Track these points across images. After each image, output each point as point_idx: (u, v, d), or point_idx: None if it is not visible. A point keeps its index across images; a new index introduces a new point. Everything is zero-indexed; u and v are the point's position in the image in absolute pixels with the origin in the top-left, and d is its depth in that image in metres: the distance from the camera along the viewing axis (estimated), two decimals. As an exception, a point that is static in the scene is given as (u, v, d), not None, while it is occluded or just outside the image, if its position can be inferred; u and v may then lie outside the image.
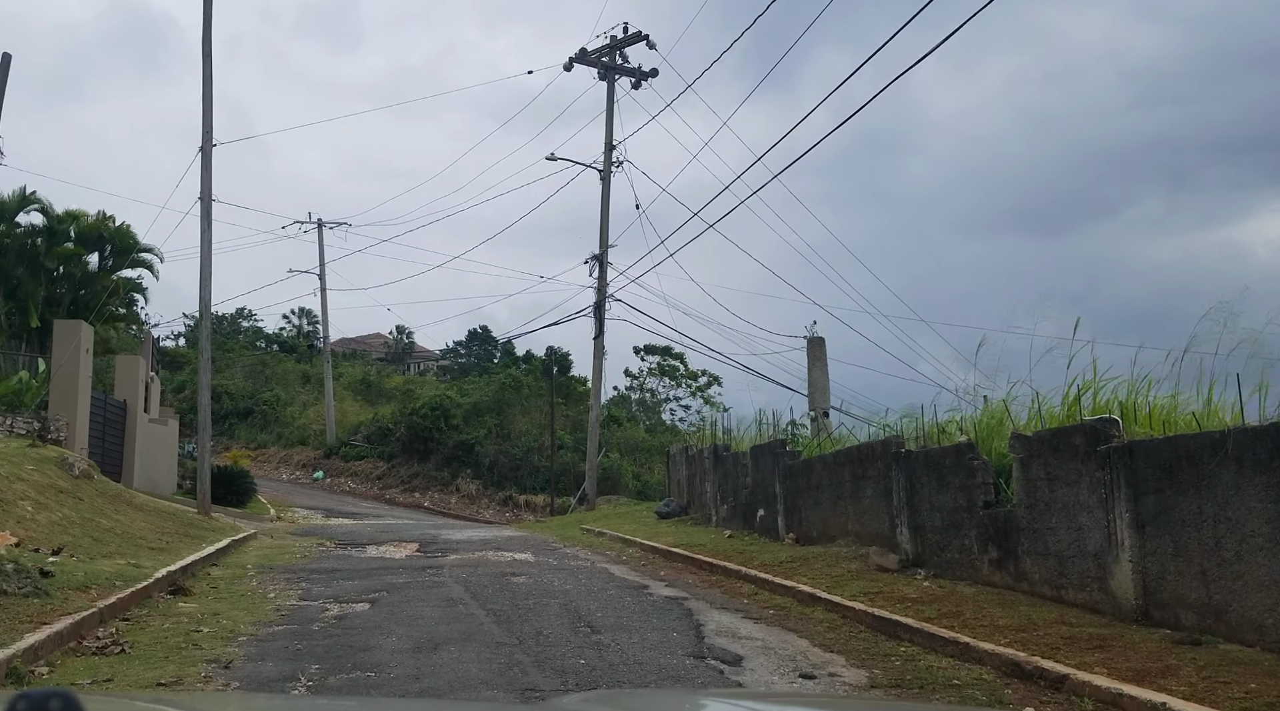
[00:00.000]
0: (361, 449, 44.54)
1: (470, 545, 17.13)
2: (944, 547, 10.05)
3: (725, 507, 16.98)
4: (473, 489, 40.24)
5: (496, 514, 38.91)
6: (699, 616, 9.02)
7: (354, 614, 9.08)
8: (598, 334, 25.89)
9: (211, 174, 18.16)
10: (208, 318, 18.03)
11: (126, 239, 26.65)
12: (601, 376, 25.95)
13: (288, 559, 14.47)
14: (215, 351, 64.88)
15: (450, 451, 41.20)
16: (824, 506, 12.97)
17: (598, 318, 25.87)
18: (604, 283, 26.02)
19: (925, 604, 8.43)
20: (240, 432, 49.64)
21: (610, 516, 21.91)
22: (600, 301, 25.91)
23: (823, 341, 20.15)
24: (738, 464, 16.52)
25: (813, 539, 13.16)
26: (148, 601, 9.52)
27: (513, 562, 13.93)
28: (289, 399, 51.64)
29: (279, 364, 59.14)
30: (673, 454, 23.68)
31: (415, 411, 42.27)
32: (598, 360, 25.95)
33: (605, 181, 26.25)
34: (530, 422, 43.20)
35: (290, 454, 47.07)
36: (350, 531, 21.21)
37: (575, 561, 14.15)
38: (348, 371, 58.90)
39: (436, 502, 39.69)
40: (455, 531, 21.25)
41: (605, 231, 26.20)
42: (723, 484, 17.18)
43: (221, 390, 51.50)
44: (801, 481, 13.67)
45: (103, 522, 13.63)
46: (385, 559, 14.71)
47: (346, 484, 42.91)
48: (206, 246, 17.98)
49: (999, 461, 9.67)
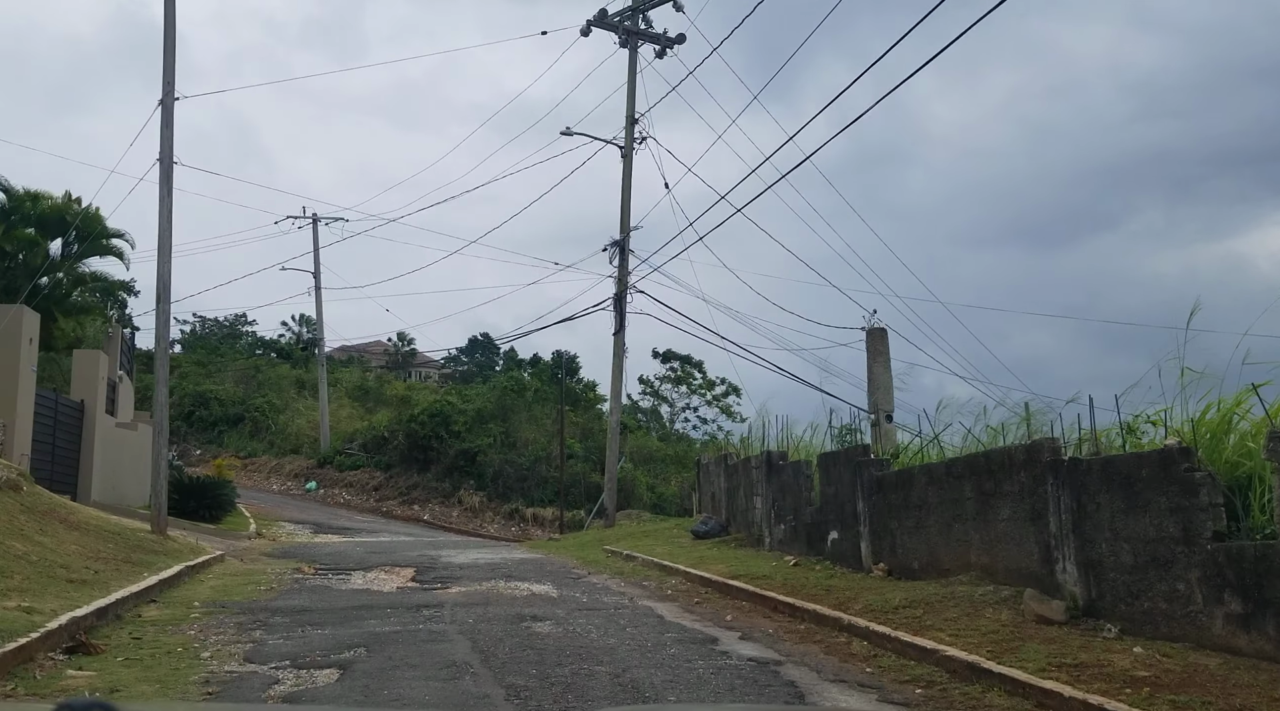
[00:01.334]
0: (357, 458, 41.69)
1: (476, 572, 14.31)
2: (1138, 593, 7.22)
3: (782, 528, 14.14)
4: (476, 501, 37.39)
5: (502, 528, 36.06)
6: (814, 697, 6.20)
7: (312, 692, 6.25)
8: (618, 328, 23.09)
9: (173, 132, 15.41)
10: (167, 298, 15.25)
11: (95, 224, 23.87)
12: (623, 376, 23.15)
13: (250, 592, 11.65)
14: (207, 356, 62.48)
15: (451, 461, 38.37)
16: (930, 530, 10.13)
17: (618, 311, 23.08)
18: (625, 272, 23.23)
19: (1168, 690, 5.58)
20: (230, 440, 46.76)
21: (635, 535, 19.07)
22: (621, 292, 23.12)
23: (884, 333, 17.37)
24: (799, 476, 13.68)
25: (913, 571, 10.32)
26: (23, 668, 6.71)
27: (530, 598, 11.11)
28: (282, 405, 48.79)
29: (273, 369, 56.34)
30: (705, 464, 20.85)
31: (414, 418, 39.46)
32: (618, 359, 23.15)
33: (627, 158, 23.49)
34: (537, 430, 40.40)
35: (282, 463, 44.20)
36: (337, 552, 18.39)
37: (609, 596, 11.32)
38: (345, 377, 56.15)
39: (437, 516, 36.85)
40: (458, 552, 18.43)
41: (626, 215, 23.43)
42: (779, 499, 14.34)
43: (211, 396, 48.78)
44: (895, 498, 10.83)
45: (16, 546, 10.80)
46: (372, 592, 11.87)
47: (341, 495, 40.05)
48: (166, 214, 15.21)
49: (1229, 474, 6.86)
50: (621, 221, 23.42)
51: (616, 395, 23.49)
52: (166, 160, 15.35)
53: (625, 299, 23.12)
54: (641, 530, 19.94)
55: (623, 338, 23.16)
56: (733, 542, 15.97)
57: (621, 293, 23.11)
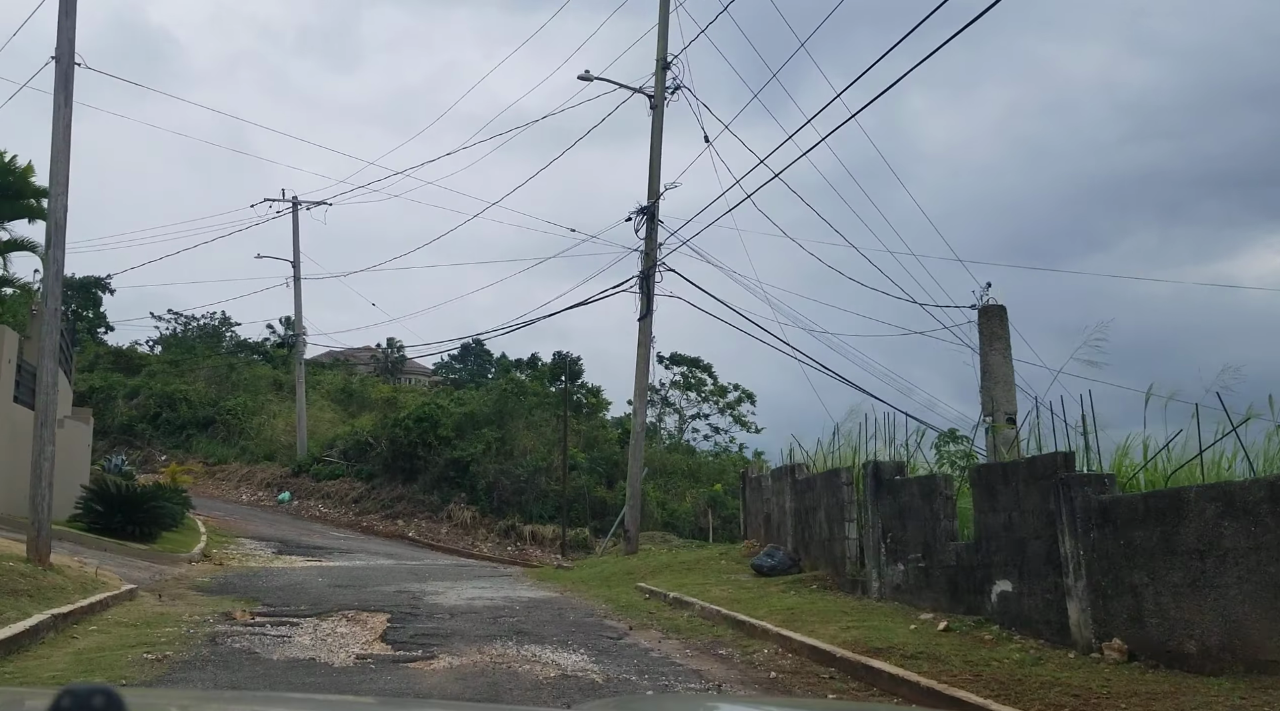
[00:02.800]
0: (336, 467, 37.55)
1: (474, 623, 10.29)
2: None
3: (901, 569, 10.14)
4: (467, 516, 33.31)
5: (496, 548, 31.97)
6: None
7: None
8: (644, 312, 19.13)
9: (75, 22, 11.42)
10: (60, 241, 11.17)
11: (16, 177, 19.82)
12: (649, 369, 19.19)
13: (129, 663, 7.59)
14: (181, 354, 58.06)
15: (440, 470, 34.28)
16: (1229, 590, 6.15)
17: (645, 290, 19.13)
18: (654, 245, 19.29)
19: None
20: (199, 445, 42.55)
21: (672, 567, 15.01)
22: (649, 269, 19.16)
23: (1003, 313, 13.43)
24: (932, 497, 9.69)
25: (1185, 657, 6.35)
26: None
27: (559, 683, 7.12)
28: (256, 407, 44.53)
29: (249, 368, 52.13)
30: (755, 479, 16.88)
31: (398, 423, 35.36)
32: (644, 349, 19.18)
33: (657, 109, 19.57)
34: (536, 438, 36.33)
35: (254, 471, 39.99)
36: (293, 584, 14.34)
37: (680, 679, 7.34)
38: (327, 379, 52.03)
39: (424, 532, 32.74)
40: (448, 587, 14.40)
41: (656, 175, 19.50)
42: (894, 529, 10.35)
43: (179, 396, 44.56)
44: (1143, 536, 6.83)
45: None
46: (316, 666, 7.80)
47: (316, 508, 35.90)
48: (63, 130, 11.19)
49: None
50: (650, 183, 19.50)
51: (642, 392, 19.48)
52: (65, 59, 11.36)
53: (654, 277, 19.17)
54: (677, 559, 15.89)
55: (650, 323, 19.20)
56: (812, 583, 11.97)
57: (649, 269, 19.15)
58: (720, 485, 36.24)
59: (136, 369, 50.14)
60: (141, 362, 51.96)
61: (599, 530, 33.93)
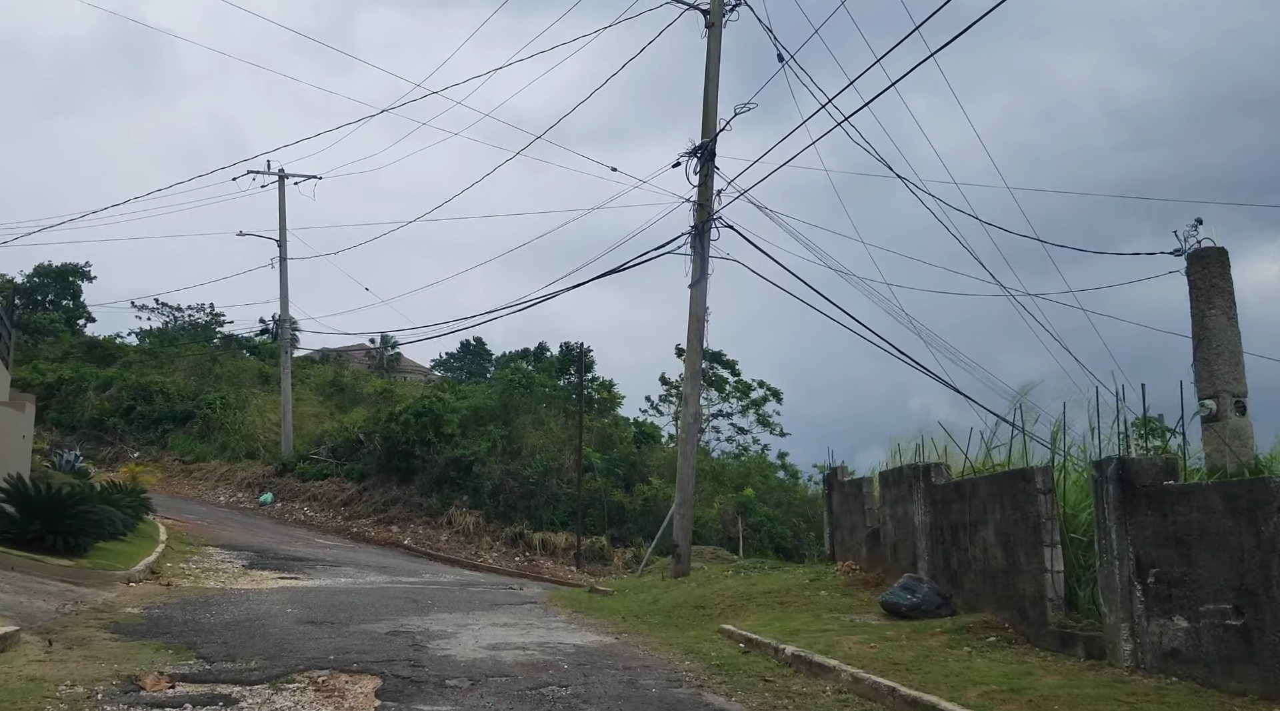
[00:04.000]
0: (325, 465, 33.79)
1: (508, 700, 6.66)
2: None
3: (1183, 627, 6.45)
4: (470, 522, 29.62)
5: (503, 557, 28.31)
6: None
7: None
8: (698, 276, 15.47)
9: None
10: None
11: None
12: (701, 344, 15.54)
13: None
14: (160, 345, 54.19)
15: (440, 471, 30.58)
16: None
17: (698, 248, 15.49)
18: (709, 192, 15.66)
19: None
20: (175, 442, 38.67)
21: (754, 598, 11.32)
22: (703, 223, 15.52)
23: (1224, 258, 9.82)
24: (1258, 519, 6.02)
25: None
26: None
27: None
28: (239, 402, 40.68)
29: (233, 360, 48.29)
30: (850, 484, 13.24)
31: (394, 417, 31.64)
32: (696, 321, 15.51)
33: (713, 28, 15.91)
34: (546, 437, 32.63)
35: (234, 470, 36.13)
36: (252, 618, 10.65)
37: None
38: (316, 372, 48.25)
39: (421, 540, 29.06)
40: (459, 623, 10.73)
41: (712, 107, 15.84)
42: (1165, 565, 6.67)
43: (155, 389, 40.67)
44: None
45: None
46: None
47: (301, 511, 32.16)
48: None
49: None
50: (704, 117, 15.85)
51: (694, 374, 15.76)
52: None
53: (709, 232, 15.53)
54: (755, 587, 12.15)
55: (704, 290, 15.54)
56: (986, 633, 8.32)
57: (704, 224, 15.50)
58: (750, 489, 32.64)
59: (111, 359, 46.31)
60: (116, 353, 48.10)
61: (617, 539, 30.24)
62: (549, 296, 21.33)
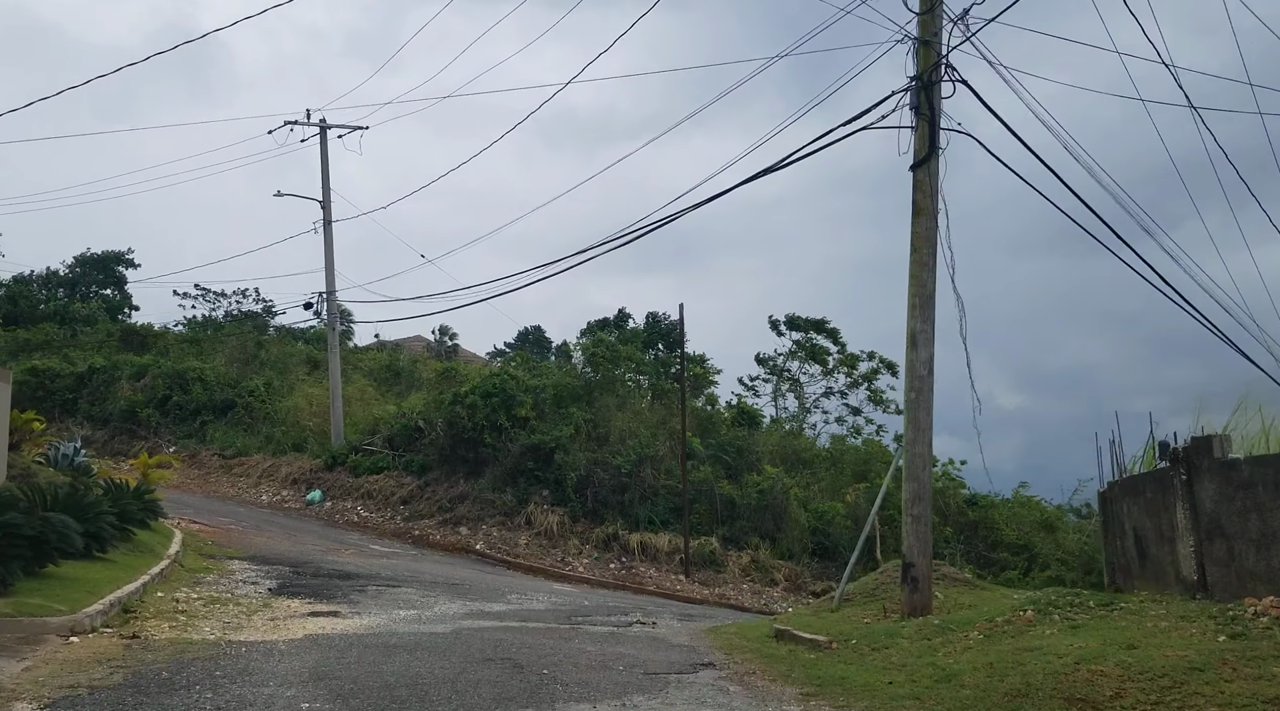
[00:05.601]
0: (380, 458, 28.91)
1: None
2: None
3: None
4: (553, 522, 24.55)
5: (595, 564, 23.23)
6: None
7: None
8: (926, 153, 10.10)
9: None
10: None
11: None
12: (934, 251, 10.15)
13: None
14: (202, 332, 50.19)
15: (515, 461, 25.51)
16: None
17: (925, 114, 10.10)
18: (938, 26, 10.27)
19: None
20: (214, 434, 34.09)
21: (1132, 677, 6.04)
22: (928, 73, 10.13)
23: None
24: None
25: None
26: None
27: None
28: (284, 389, 36.12)
29: (279, 345, 43.75)
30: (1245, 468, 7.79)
31: (460, 399, 26.66)
32: (925, 219, 10.14)
33: None
34: (635, 419, 27.44)
35: (278, 465, 31.41)
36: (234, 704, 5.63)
37: None
38: (370, 356, 43.67)
39: (496, 544, 24.10)
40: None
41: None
42: None
43: (193, 376, 36.16)
44: None
45: None
46: None
47: (355, 511, 27.34)
48: None
49: None
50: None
51: (925, 300, 10.34)
52: None
53: (937, 88, 10.14)
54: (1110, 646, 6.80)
55: (935, 169, 10.16)
56: None
57: (929, 73, 10.11)
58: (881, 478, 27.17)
59: (144, 347, 42.13)
60: (153, 339, 43.94)
61: (729, 540, 25.01)
62: (650, 227, 15.96)
